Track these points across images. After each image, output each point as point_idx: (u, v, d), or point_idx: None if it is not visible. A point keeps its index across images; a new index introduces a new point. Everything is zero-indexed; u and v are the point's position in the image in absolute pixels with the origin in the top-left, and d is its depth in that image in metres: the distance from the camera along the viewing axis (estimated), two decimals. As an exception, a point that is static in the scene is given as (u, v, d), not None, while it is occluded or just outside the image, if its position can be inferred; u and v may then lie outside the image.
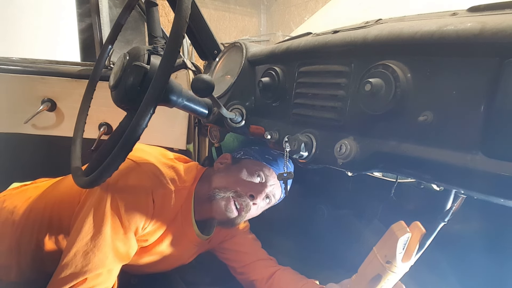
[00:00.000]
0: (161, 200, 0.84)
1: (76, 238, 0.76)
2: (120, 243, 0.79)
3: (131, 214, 0.79)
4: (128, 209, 0.79)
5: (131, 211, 0.79)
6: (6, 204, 0.97)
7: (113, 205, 0.78)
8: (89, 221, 0.77)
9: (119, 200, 0.79)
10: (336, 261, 1.15)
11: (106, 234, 0.77)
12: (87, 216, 0.78)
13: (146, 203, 0.81)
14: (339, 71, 0.60)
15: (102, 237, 0.76)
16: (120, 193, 0.80)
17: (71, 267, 0.74)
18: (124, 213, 0.78)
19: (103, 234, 0.76)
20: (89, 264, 0.75)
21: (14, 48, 1.86)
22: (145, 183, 0.83)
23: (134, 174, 0.83)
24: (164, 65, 0.58)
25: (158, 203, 0.83)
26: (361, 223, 1.13)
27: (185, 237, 0.94)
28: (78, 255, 0.75)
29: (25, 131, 1.34)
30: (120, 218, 0.78)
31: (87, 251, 0.75)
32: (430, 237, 0.71)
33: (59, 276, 0.74)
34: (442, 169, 0.45)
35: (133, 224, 0.79)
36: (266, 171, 0.94)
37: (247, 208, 0.90)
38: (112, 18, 1.68)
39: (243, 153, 0.99)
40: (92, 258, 0.75)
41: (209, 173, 0.97)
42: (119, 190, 0.80)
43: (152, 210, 0.82)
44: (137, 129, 0.57)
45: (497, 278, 0.84)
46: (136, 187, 0.82)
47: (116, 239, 0.78)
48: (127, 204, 0.79)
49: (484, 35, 0.40)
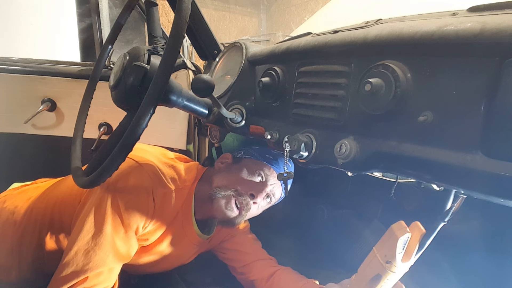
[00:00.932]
0: (161, 200, 0.84)
1: (77, 237, 0.76)
2: (121, 242, 0.79)
3: (131, 213, 0.79)
4: (129, 208, 0.79)
5: (132, 210, 0.79)
6: (7, 204, 0.97)
7: (114, 204, 0.78)
8: (90, 220, 0.78)
9: (119, 199, 0.79)
10: (336, 261, 1.15)
11: (107, 232, 0.77)
12: (88, 215, 0.78)
13: (146, 202, 0.82)
14: (339, 71, 0.60)
15: (103, 235, 0.76)
16: (120, 193, 0.80)
17: (72, 265, 0.74)
18: (125, 212, 0.79)
19: (104, 233, 0.76)
20: (90, 263, 0.75)
21: (14, 48, 1.86)
22: (146, 182, 0.83)
23: (135, 174, 0.83)
24: (164, 65, 0.58)
25: (158, 203, 0.83)
26: (361, 223, 1.13)
27: (186, 237, 0.94)
28: (79, 254, 0.75)
29: (25, 131, 1.34)
30: (121, 217, 0.78)
31: (88, 250, 0.75)
32: (430, 237, 0.71)
33: (60, 275, 0.75)
34: (442, 169, 0.45)
35: (133, 223, 0.80)
36: (266, 171, 0.94)
37: (248, 207, 0.90)
38: (112, 18, 1.68)
39: (243, 152, 0.99)
40: (93, 257, 0.75)
41: (209, 173, 0.98)
42: (119, 189, 0.80)
43: (152, 210, 0.83)
44: (137, 129, 0.57)
45: (497, 278, 0.84)
46: (137, 186, 0.82)
47: (117, 238, 0.78)
48: (128, 203, 0.79)
49: (484, 35, 0.40)
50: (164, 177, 0.86)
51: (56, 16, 2.10)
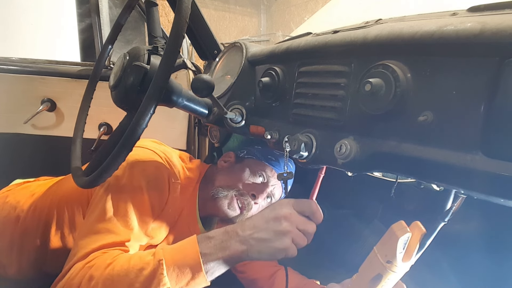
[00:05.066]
0: (173, 188, 0.86)
1: (96, 212, 0.75)
2: (140, 218, 0.78)
3: (151, 190, 0.80)
4: (149, 186, 0.80)
5: (151, 188, 0.80)
6: (9, 199, 0.96)
7: (134, 180, 0.78)
8: (109, 196, 0.76)
9: (140, 178, 0.79)
10: (336, 261, 1.15)
11: (128, 206, 0.76)
12: (107, 194, 0.76)
13: (163, 185, 0.83)
14: (339, 71, 0.60)
15: (123, 210, 0.75)
16: (139, 174, 0.80)
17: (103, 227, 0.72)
18: (145, 189, 0.79)
19: (126, 208, 0.75)
20: (118, 228, 0.73)
21: (14, 48, 1.86)
22: (163, 169, 0.85)
23: (152, 160, 0.84)
24: (164, 65, 0.58)
25: (172, 191, 0.85)
26: (361, 223, 1.13)
27: (190, 234, 0.94)
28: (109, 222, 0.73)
29: (25, 131, 1.34)
30: (141, 192, 0.78)
31: (110, 219, 0.73)
32: (430, 237, 0.71)
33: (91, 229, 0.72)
34: (442, 169, 0.45)
35: (152, 197, 0.80)
36: (268, 172, 0.95)
37: (249, 207, 0.91)
38: (112, 18, 1.68)
39: (246, 152, 1.00)
40: (118, 225, 0.73)
41: (212, 171, 0.99)
42: (137, 171, 0.80)
43: (167, 194, 0.84)
44: (137, 129, 0.57)
45: (497, 278, 0.84)
46: (156, 170, 0.83)
47: (137, 211, 0.77)
48: (149, 182, 0.80)
49: (484, 35, 0.40)
50: (176, 169, 0.88)
51: (56, 16, 2.10)
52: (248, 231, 0.63)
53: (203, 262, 0.62)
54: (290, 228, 0.62)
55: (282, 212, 0.63)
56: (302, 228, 0.63)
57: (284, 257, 0.63)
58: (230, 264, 0.64)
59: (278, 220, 0.62)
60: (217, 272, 0.64)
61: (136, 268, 0.62)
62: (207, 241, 0.64)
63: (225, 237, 0.64)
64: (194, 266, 0.61)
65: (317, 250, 1.21)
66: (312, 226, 0.64)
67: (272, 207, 0.65)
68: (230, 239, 0.63)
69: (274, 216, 0.63)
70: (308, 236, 0.64)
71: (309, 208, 0.64)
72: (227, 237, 0.64)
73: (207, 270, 0.62)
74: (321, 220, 0.65)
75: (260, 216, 0.65)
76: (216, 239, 0.64)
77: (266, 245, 0.62)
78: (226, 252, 0.63)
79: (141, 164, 0.81)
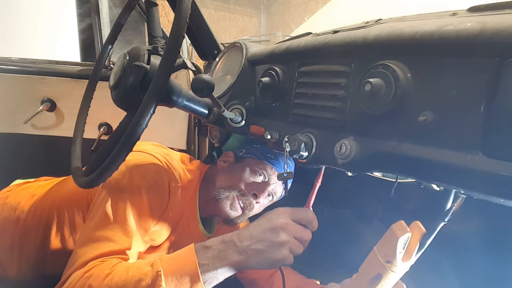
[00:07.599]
0: (174, 192, 0.85)
1: (95, 218, 0.74)
2: (140, 225, 0.77)
3: (151, 196, 0.79)
4: (149, 191, 0.79)
5: (151, 193, 0.79)
6: (9, 200, 0.96)
7: (134, 185, 0.78)
8: (109, 202, 0.75)
9: (140, 183, 0.78)
10: (336, 261, 1.15)
11: (128, 212, 0.75)
12: (106, 200, 0.76)
13: (163, 190, 0.83)
14: (339, 71, 0.60)
15: (123, 215, 0.74)
16: (139, 180, 0.79)
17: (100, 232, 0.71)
18: (145, 194, 0.78)
19: (125, 213, 0.75)
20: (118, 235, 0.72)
21: (14, 48, 1.86)
22: (163, 173, 0.84)
23: (152, 164, 0.84)
24: (164, 65, 0.58)
25: (172, 195, 0.85)
26: (361, 223, 1.13)
27: (191, 235, 0.95)
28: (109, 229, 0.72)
29: (25, 131, 1.34)
30: (141, 197, 0.78)
31: (110, 227, 0.72)
32: (430, 237, 0.71)
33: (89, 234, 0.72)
34: (442, 169, 0.45)
35: (152, 202, 0.79)
36: (269, 170, 0.94)
37: (251, 207, 0.91)
38: (112, 18, 1.68)
39: (245, 151, 1.00)
40: (117, 232, 0.72)
41: (212, 172, 0.98)
42: (137, 176, 0.79)
43: (167, 199, 0.84)
44: (137, 129, 0.57)
45: (497, 278, 0.84)
46: (155, 175, 0.83)
47: (136, 218, 0.76)
48: (149, 188, 0.79)
49: (484, 35, 0.40)
50: (176, 172, 0.88)
51: (56, 16, 2.10)
52: (245, 242, 0.63)
53: (201, 272, 0.62)
54: (287, 238, 0.62)
55: (279, 222, 0.63)
56: (298, 237, 0.63)
57: (281, 265, 0.64)
58: (227, 273, 0.64)
59: (276, 231, 0.62)
60: (215, 282, 0.64)
61: (135, 279, 0.61)
62: (204, 250, 0.64)
63: (222, 247, 0.64)
64: (192, 276, 0.61)
65: (317, 250, 1.21)
66: (308, 234, 0.65)
67: (269, 217, 0.65)
68: (228, 249, 0.63)
69: (272, 226, 0.63)
70: (304, 244, 0.65)
71: (305, 216, 0.65)
72: (225, 247, 0.64)
73: (205, 280, 0.62)
74: (316, 228, 0.66)
75: (257, 226, 0.65)
76: (214, 249, 0.64)
77: (264, 256, 0.62)
78: (224, 262, 0.63)
79: (141, 169, 0.81)
